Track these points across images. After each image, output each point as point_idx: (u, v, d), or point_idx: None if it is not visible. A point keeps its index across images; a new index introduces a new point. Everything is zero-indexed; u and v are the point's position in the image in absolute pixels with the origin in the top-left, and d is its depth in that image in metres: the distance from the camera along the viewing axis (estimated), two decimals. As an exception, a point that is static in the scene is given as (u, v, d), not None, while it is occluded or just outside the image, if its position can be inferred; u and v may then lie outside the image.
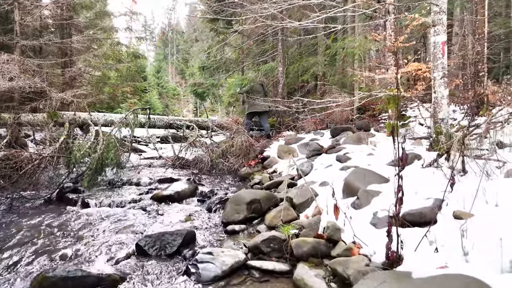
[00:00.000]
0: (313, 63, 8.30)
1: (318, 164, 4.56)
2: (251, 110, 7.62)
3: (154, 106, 29.61)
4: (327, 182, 3.71)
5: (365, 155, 4.46)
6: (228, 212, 3.56)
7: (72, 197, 4.82)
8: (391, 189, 2.89)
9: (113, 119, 7.72)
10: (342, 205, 3.09)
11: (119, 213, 4.21)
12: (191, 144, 6.47)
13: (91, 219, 4.00)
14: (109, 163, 5.67)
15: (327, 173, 4.04)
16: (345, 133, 5.98)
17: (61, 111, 7.49)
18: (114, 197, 4.77)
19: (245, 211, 3.48)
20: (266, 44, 9.95)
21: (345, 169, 3.91)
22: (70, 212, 4.36)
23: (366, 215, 2.60)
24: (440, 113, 4.70)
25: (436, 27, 4.72)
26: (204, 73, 9.55)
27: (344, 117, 7.47)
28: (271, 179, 5.05)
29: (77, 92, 6.01)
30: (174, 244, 2.95)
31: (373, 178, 3.14)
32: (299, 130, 7.99)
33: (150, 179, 5.76)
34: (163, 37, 59.53)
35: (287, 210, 3.26)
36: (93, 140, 5.93)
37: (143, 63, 30.49)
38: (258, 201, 3.54)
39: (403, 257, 2.00)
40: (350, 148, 4.77)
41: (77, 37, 7.88)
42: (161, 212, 4.18)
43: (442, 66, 4.69)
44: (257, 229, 3.33)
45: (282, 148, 5.86)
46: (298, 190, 3.55)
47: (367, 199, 2.75)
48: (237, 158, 6.10)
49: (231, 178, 5.90)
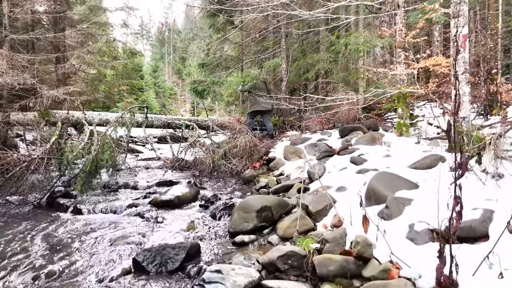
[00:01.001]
0: (318, 60, 7.95)
1: (331, 166, 4.21)
2: (254, 109, 7.26)
3: (151, 106, 29.17)
4: (344, 187, 3.37)
5: (382, 156, 4.11)
6: (235, 221, 3.20)
7: (64, 202, 4.44)
8: (423, 196, 2.55)
9: (109, 118, 7.34)
10: (361, 213, 2.74)
11: (114, 221, 3.84)
12: (191, 144, 6.11)
13: (83, 228, 3.63)
14: (104, 165, 5.28)
15: (343, 177, 3.69)
16: (355, 133, 5.64)
17: (54, 109, 7.10)
18: (109, 202, 4.40)
19: (254, 219, 3.13)
20: (266, 41, 9.60)
21: (363, 172, 3.56)
22: (60, 219, 3.99)
23: (400, 228, 2.25)
24: (461, 111, 4.37)
25: (457, 18, 4.39)
26: (204, 70, 9.18)
27: (351, 116, 7.13)
28: (278, 182, 4.70)
29: (70, 90, 5.61)
30: (177, 259, 2.59)
31: (400, 183, 2.79)
32: (303, 130, 7.63)
33: (147, 182, 5.40)
34: (159, 36, 59.00)
35: (303, 219, 2.91)
36: (87, 140, 5.54)
37: (139, 62, 30.08)
38: (269, 208, 3.19)
39: (458, 283, 1.65)
40: (364, 149, 4.43)
41: (70, 31, 7.44)
42: (161, 219, 3.81)
43: (464, 61, 4.36)
44: (268, 240, 2.98)
45: (289, 149, 5.50)
46: (313, 196, 3.19)
47: (398, 208, 2.40)
48: (241, 159, 5.74)
49: (234, 181, 5.54)
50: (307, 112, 7.85)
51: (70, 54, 7.58)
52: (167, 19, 64.75)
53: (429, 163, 3.51)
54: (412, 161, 3.68)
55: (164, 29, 61.09)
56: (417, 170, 3.45)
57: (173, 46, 58.66)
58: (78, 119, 7.03)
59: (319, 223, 2.96)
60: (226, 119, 6.58)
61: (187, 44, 52.59)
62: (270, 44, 9.14)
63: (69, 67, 7.33)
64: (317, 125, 7.08)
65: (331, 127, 6.97)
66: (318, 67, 7.94)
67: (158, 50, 58.21)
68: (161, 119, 7.89)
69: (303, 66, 8.24)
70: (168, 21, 64.39)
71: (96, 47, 7.96)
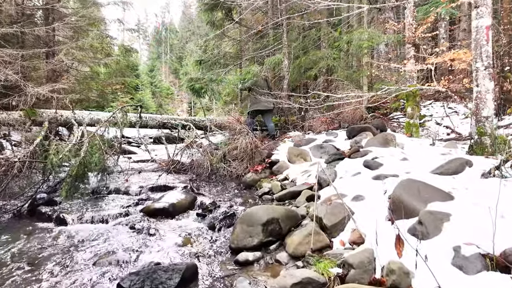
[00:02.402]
0: (321, 57, 7.54)
1: (342, 171, 3.81)
2: (254, 108, 6.83)
3: (148, 106, 28.74)
4: (361, 195, 2.96)
5: (398, 160, 3.72)
6: (238, 235, 2.79)
7: (46, 210, 4.00)
8: (462, 210, 2.15)
9: (100, 118, 6.89)
10: (389, 230, 2.35)
11: (101, 232, 3.42)
12: (188, 146, 5.69)
13: (65, 242, 3.21)
14: (92, 169, 4.86)
15: (357, 184, 3.29)
16: (363, 134, 5.24)
17: (43, 109, 6.66)
18: (96, 211, 3.98)
19: (260, 234, 2.72)
20: (267, 37, 9.18)
21: (380, 178, 3.16)
22: (40, 230, 3.56)
23: (442, 251, 1.85)
24: (484, 110, 3.98)
25: (479, 8, 4.01)
26: (201, 68, 8.75)
27: (357, 116, 6.74)
28: (283, 188, 4.29)
29: (55, 87, 5.17)
30: (170, 284, 2.18)
31: (430, 193, 2.39)
32: (306, 130, 7.23)
33: (140, 187, 4.98)
34: (156, 36, 58.50)
35: (317, 235, 2.50)
36: (74, 142, 5.10)
37: (135, 61, 29.61)
38: (277, 220, 2.78)
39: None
40: (378, 152, 4.03)
41: (57, 23, 6.95)
42: (153, 231, 3.40)
43: (487, 55, 3.97)
44: (276, 258, 2.57)
45: (293, 151, 5.10)
46: (327, 207, 2.79)
47: (435, 225, 2.00)
48: (241, 162, 5.33)
49: (235, 186, 5.13)
50: (310, 111, 7.44)
51: (58, 49, 7.12)
52: (164, 19, 64.23)
53: (455, 168, 3.12)
54: (435, 166, 3.28)
55: (161, 28, 60.57)
56: (442, 176, 3.06)
57: (170, 46, 58.15)
58: (67, 119, 6.57)
59: (335, 238, 2.56)
60: (225, 119, 6.15)
61: (184, 41, 52.15)
62: (270, 41, 8.73)
63: (57, 63, 6.85)
64: (321, 125, 6.68)
65: (337, 128, 6.57)
66: (322, 65, 7.54)
67: (155, 50, 57.69)
68: (156, 119, 7.45)
69: (305, 64, 7.84)
70: (165, 20, 63.86)
71: (87, 43, 7.50)
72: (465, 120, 7.54)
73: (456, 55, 4.41)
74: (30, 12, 8.91)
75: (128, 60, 12.43)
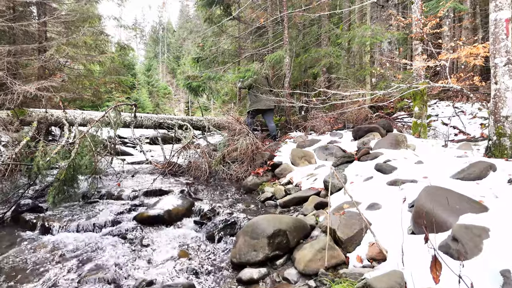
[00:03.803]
0: (324, 54, 7.25)
1: (352, 175, 3.52)
2: (255, 107, 6.52)
3: (144, 105, 28.43)
4: (377, 203, 2.67)
5: (413, 163, 3.43)
6: (240, 249, 2.49)
7: (31, 218, 3.69)
8: (501, 223, 1.86)
9: (93, 117, 6.56)
10: (414, 246, 2.06)
11: (90, 243, 3.12)
12: (185, 147, 5.38)
13: (49, 254, 2.90)
14: (83, 172, 4.54)
15: (371, 190, 3.00)
16: (371, 135, 4.97)
17: (35, 108, 6.33)
18: (85, 218, 3.67)
19: (266, 247, 2.42)
20: (266, 34, 8.89)
21: (397, 184, 2.87)
22: (22, 241, 3.25)
23: (485, 275, 1.56)
24: (503, 109, 3.71)
25: (497, 0, 3.73)
26: (198, 66, 8.44)
27: (362, 116, 6.45)
28: (287, 192, 4.00)
29: (44, 84, 4.84)
30: (163, 310, 1.88)
31: (461, 203, 2.11)
32: (308, 130, 6.94)
33: (134, 191, 4.66)
34: (153, 35, 58.13)
35: (331, 249, 2.21)
36: (64, 143, 4.78)
37: (132, 60, 29.27)
38: (284, 232, 2.48)
39: None
40: (389, 154, 3.74)
41: (49, 17, 6.59)
42: (147, 241, 3.10)
43: (506, 50, 3.70)
44: (284, 275, 2.28)
45: (297, 153, 4.80)
46: (340, 217, 2.49)
47: (474, 242, 1.71)
48: (241, 164, 5.03)
49: (235, 190, 4.82)
50: (312, 110, 7.15)
51: (49, 45, 6.77)
52: (161, 18, 63.81)
53: (478, 173, 2.84)
54: (455, 170, 3.00)
55: (158, 28, 60.18)
56: (464, 181, 2.78)
57: (167, 45, 57.80)
58: (58, 118, 6.24)
59: (351, 254, 2.27)
60: (224, 118, 5.84)
61: (181, 42, 51.85)
62: (270, 39, 8.44)
63: (48, 59, 6.50)
64: (325, 125, 6.39)
65: (341, 128, 6.28)
66: (324, 62, 7.25)
67: (151, 49, 57.33)
68: (152, 119, 7.13)
69: (307, 62, 7.55)
70: (162, 20, 63.44)
71: (81, 39, 7.16)
72: (473, 120, 7.28)
73: (476, 49, 4.12)
74: (22, 8, 8.59)
75: (124, 58, 12.09)
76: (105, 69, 9.18)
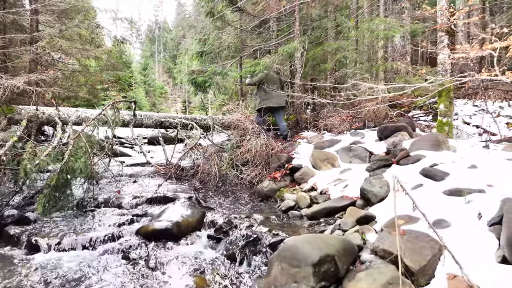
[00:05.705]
0: (337, 48, 6.75)
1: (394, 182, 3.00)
2: (265, 105, 5.99)
3: (141, 105, 27.83)
4: (445, 220, 2.16)
5: (466, 168, 2.93)
6: (276, 279, 1.97)
7: (16, 232, 3.14)
8: None
9: (89, 115, 6.01)
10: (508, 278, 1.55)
11: (84, 265, 2.59)
12: (192, 148, 4.85)
13: (34, 279, 2.37)
14: (77, 176, 4.00)
15: (424, 201, 2.48)
16: (399, 134, 4.47)
17: (26, 105, 5.77)
18: (80, 232, 3.12)
19: (310, 278, 1.90)
20: (272, 28, 8.37)
21: (461, 194, 2.37)
22: (5, 260, 2.71)
23: None
24: None
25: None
26: (203, 60, 7.90)
27: (382, 114, 5.95)
28: (313, 201, 3.49)
29: (32, 77, 4.29)
30: None
31: None
32: (321, 129, 6.43)
33: (135, 198, 4.13)
34: (149, 34, 57.47)
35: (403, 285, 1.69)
36: (56, 143, 4.24)
37: (128, 58, 28.64)
38: (332, 258, 1.96)
39: None
40: (433, 157, 3.24)
41: (36, 5, 6.02)
42: (153, 263, 2.57)
43: None
44: (337, 316, 1.76)
45: (318, 155, 4.29)
46: (403, 238, 1.98)
47: None
48: (255, 167, 4.51)
49: (248, 196, 4.30)
50: (325, 108, 6.65)
51: (40, 35, 6.20)
52: (157, 17, 63.13)
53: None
54: (524, 176, 2.50)
55: (154, 27, 59.54)
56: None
57: (163, 45, 57.17)
58: (50, 117, 5.69)
59: (425, 289, 1.75)
60: (234, 117, 5.31)
61: (178, 40, 51.28)
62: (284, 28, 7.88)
63: (38, 51, 5.94)
64: (342, 124, 5.88)
65: (360, 127, 5.77)
66: (338, 57, 6.75)
67: (147, 48, 56.69)
68: (152, 117, 6.59)
69: (319, 56, 7.04)
70: (158, 19, 62.77)
71: (74, 31, 6.61)
72: (497, 119, 6.81)
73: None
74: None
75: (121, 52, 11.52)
76: (101, 64, 8.62)
